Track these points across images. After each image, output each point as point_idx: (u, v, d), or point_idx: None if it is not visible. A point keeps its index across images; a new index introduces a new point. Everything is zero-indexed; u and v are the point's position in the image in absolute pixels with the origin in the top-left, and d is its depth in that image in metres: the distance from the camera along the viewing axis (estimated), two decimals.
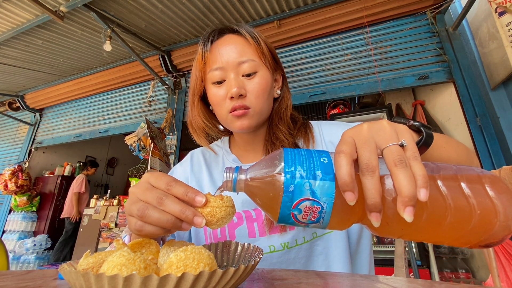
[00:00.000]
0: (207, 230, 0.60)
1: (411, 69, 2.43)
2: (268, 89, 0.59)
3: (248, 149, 0.67)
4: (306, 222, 0.29)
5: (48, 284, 0.31)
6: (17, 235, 3.92)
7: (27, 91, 4.38)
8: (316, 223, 0.29)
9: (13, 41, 2.99)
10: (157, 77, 3.35)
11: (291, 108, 0.66)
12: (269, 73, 0.60)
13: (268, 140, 0.63)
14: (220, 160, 0.69)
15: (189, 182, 0.67)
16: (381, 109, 2.63)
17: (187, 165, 0.70)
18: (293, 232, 0.55)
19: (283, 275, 0.35)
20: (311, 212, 0.28)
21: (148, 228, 0.34)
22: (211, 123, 0.67)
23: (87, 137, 3.96)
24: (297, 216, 0.29)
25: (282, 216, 0.30)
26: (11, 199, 4.14)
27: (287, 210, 0.29)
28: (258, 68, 0.58)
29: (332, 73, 2.75)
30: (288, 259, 0.54)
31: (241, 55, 0.58)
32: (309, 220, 0.29)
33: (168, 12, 2.64)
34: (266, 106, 0.60)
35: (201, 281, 0.24)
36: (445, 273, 2.00)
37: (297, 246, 0.55)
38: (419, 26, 2.50)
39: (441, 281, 0.35)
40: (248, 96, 0.57)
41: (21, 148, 4.54)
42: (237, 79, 0.57)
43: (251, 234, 0.56)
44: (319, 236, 0.56)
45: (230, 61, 0.57)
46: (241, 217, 0.58)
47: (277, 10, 2.70)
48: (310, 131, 0.65)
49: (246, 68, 0.57)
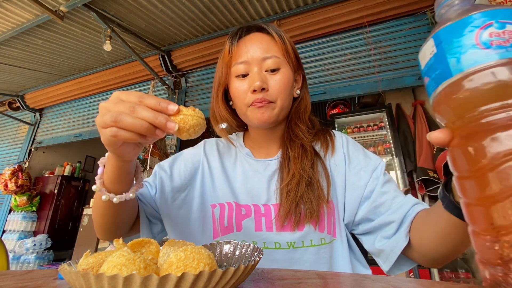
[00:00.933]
0: (215, 218, 0.60)
1: (411, 69, 2.43)
2: (289, 87, 0.61)
3: (263, 145, 0.68)
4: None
5: (48, 284, 0.31)
6: (17, 235, 3.91)
7: (27, 91, 4.38)
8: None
9: (13, 41, 2.99)
10: (157, 77, 3.35)
11: (309, 108, 0.67)
12: (291, 71, 0.62)
13: (287, 137, 0.63)
14: (233, 152, 0.69)
15: (201, 165, 0.67)
16: (381, 109, 2.63)
17: (201, 150, 0.70)
18: (301, 233, 0.55)
19: (283, 275, 0.35)
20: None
21: (123, 134, 0.35)
22: (230, 116, 0.68)
23: (87, 137, 3.95)
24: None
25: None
26: (11, 199, 4.14)
27: None
28: (282, 65, 0.60)
29: (332, 73, 2.75)
30: (292, 259, 0.54)
31: (266, 51, 0.59)
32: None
33: (168, 12, 2.64)
34: (286, 103, 0.61)
35: (201, 281, 0.24)
36: (445, 273, 2.00)
37: (303, 248, 0.54)
38: (419, 26, 2.50)
39: (441, 281, 0.35)
40: (270, 91, 0.58)
41: (21, 148, 4.53)
42: (260, 74, 0.58)
43: (258, 227, 0.57)
44: (327, 243, 0.55)
45: (255, 56, 0.59)
46: (250, 209, 0.58)
47: (277, 10, 2.70)
48: (330, 139, 0.66)
49: (270, 64, 0.59)
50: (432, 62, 0.27)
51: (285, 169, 0.59)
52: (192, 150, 0.71)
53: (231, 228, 0.57)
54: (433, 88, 0.27)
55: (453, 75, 0.25)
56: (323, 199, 0.55)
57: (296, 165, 0.57)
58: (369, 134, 2.67)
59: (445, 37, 0.26)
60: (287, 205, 0.54)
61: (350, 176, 0.60)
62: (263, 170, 0.63)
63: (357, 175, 0.59)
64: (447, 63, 0.26)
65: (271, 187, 0.61)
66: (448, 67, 0.25)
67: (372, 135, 2.68)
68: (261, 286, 0.30)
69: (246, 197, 0.61)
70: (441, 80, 0.26)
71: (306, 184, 0.55)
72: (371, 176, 0.58)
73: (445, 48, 0.26)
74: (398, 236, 0.50)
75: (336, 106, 3.06)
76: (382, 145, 2.60)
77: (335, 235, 0.57)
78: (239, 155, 0.68)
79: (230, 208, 0.59)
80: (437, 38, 0.27)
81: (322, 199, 0.55)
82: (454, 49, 0.25)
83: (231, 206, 0.59)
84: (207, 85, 3.34)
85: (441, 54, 0.26)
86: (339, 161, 0.62)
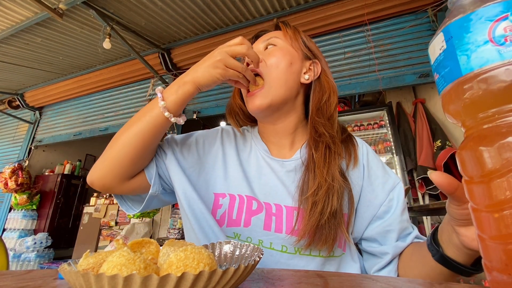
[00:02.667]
0: (225, 212, 0.57)
1: (411, 67, 2.43)
2: (286, 61, 0.58)
3: (273, 142, 0.65)
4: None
5: (48, 284, 0.31)
6: (17, 233, 3.93)
7: (27, 89, 4.38)
8: None
9: (13, 39, 2.98)
10: (156, 75, 3.35)
11: (335, 101, 0.60)
12: (292, 49, 0.61)
13: (310, 136, 0.59)
14: (249, 145, 0.66)
15: (215, 151, 0.65)
16: (381, 107, 2.63)
17: (218, 135, 0.68)
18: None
19: (283, 275, 0.35)
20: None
21: (230, 72, 0.51)
22: (244, 106, 0.67)
23: (87, 136, 3.95)
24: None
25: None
26: (11, 197, 4.14)
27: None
28: (279, 43, 0.61)
29: (332, 71, 2.73)
30: (297, 266, 0.52)
31: (268, 36, 0.63)
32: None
33: (168, 9, 2.63)
34: (282, 79, 0.57)
35: (201, 281, 0.24)
36: None
37: (310, 256, 0.53)
38: (420, 24, 2.49)
39: (441, 281, 0.35)
40: (262, 64, 0.58)
41: (21, 147, 4.54)
42: (259, 52, 0.60)
43: (267, 227, 0.54)
44: (336, 256, 0.54)
45: (260, 42, 0.64)
46: (261, 206, 0.56)
47: (277, 7, 2.69)
48: (354, 148, 0.61)
49: (268, 42, 0.62)
50: (442, 59, 0.26)
51: (311, 175, 0.54)
52: (208, 133, 0.69)
53: (239, 222, 0.55)
54: (443, 86, 0.26)
55: (463, 74, 0.24)
56: (343, 228, 0.52)
57: (322, 171, 0.53)
58: (369, 133, 2.66)
59: (456, 32, 0.24)
60: (313, 218, 0.50)
61: (367, 192, 0.58)
62: (278, 169, 0.60)
63: (374, 192, 0.57)
64: (457, 60, 0.24)
65: (286, 188, 0.58)
66: (458, 65, 0.24)
67: (373, 134, 2.67)
68: (261, 286, 0.30)
69: (259, 193, 0.58)
70: (451, 78, 0.25)
71: (337, 197, 0.51)
72: (388, 196, 0.56)
73: (455, 44, 0.24)
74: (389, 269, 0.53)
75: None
76: (382, 144, 2.60)
77: (345, 250, 0.55)
78: (254, 148, 0.65)
79: (241, 201, 0.57)
80: (447, 32, 0.25)
81: (342, 228, 0.52)
82: (465, 46, 0.23)
83: (242, 199, 0.57)
84: None
85: (451, 50, 0.25)
86: (359, 173, 0.59)
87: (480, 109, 0.23)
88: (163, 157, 0.62)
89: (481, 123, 0.24)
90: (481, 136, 0.23)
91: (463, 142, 0.26)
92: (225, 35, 3.01)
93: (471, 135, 0.25)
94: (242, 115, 0.69)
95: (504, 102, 0.22)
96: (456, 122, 0.27)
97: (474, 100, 0.23)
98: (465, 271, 0.39)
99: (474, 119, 0.24)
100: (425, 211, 1.73)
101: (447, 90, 0.26)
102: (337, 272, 0.39)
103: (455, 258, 0.39)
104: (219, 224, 0.56)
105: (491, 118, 0.23)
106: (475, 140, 0.24)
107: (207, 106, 3.27)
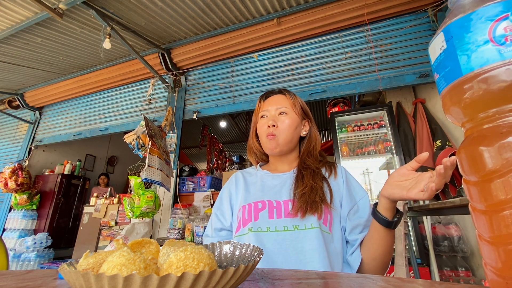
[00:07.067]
0: (239, 211, 0.82)
1: (411, 67, 2.43)
2: (293, 127, 0.86)
3: (278, 166, 0.94)
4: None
5: (48, 284, 0.31)
6: (17, 233, 3.92)
7: (27, 89, 4.38)
8: None
9: (12, 39, 2.99)
10: (157, 75, 3.35)
11: (319, 146, 0.92)
12: (296, 117, 0.88)
13: (300, 166, 0.87)
14: (254, 172, 0.96)
15: (229, 190, 0.92)
16: (381, 107, 2.62)
17: (232, 184, 0.95)
18: (304, 219, 0.73)
19: (283, 275, 0.35)
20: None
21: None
22: (260, 147, 0.95)
23: (87, 135, 3.95)
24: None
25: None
26: (11, 197, 4.14)
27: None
28: (289, 112, 0.88)
29: (332, 71, 2.75)
30: (297, 238, 0.72)
31: (279, 104, 0.89)
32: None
33: (168, 9, 2.63)
34: (289, 138, 0.86)
35: (201, 281, 0.24)
36: (445, 271, 2.01)
37: (305, 230, 0.72)
38: (420, 23, 2.49)
39: (441, 281, 0.35)
40: (278, 128, 0.86)
41: (21, 147, 4.54)
42: (274, 116, 0.88)
43: (271, 216, 0.76)
44: (324, 231, 0.73)
45: (272, 107, 0.89)
46: (265, 204, 0.79)
47: (277, 7, 2.69)
48: (334, 167, 0.89)
49: (280, 111, 0.88)
50: (442, 58, 0.26)
51: (300, 182, 0.80)
52: (227, 187, 0.95)
53: (250, 219, 0.77)
54: (443, 86, 0.26)
55: (464, 73, 0.23)
56: (325, 200, 0.76)
57: (309, 179, 0.79)
58: (369, 133, 2.66)
59: (456, 32, 0.24)
60: (300, 202, 0.75)
61: (346, 195, 0.82)
62: (277, 178, 0.88)
63: (350, 196, 0.82)
64: (457, 60, 0.24)
65: (284, 190, 0.82)
66: (459, 64, 0.24)
67: (373, 134, 2.67)
68: (261, 286, 0.30)
69: (262, 196, 0.83)
70: (451, 78, 0.25)
71: (315, 192, 0.76)
72: (358, 202, 0.82)
73: (456, 44, 0.24)
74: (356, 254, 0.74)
75: (336, 104, 3.06)
76: (382, 144, 2.60)
77: (331, 231, 0.75)
78: (259, 173, 0.94)
79: (249, 207, 0.81)
80: (448, 32, 0.25)
81: (324, 200, 0.76)
82: (465, 45, 0.23)
83: (250, 206, 0.81)
84: (207, 83, 3.34)
85: (452, 50, 0.25)
86: (340, 182, 0.84)
87: (480, 109, 0.23)
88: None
89: (482, 123, 0.23)
90: (482, 136, 0.23)
91: (463, 142, 0.26)
92: (225, 35, 3.01)
93: (471, 135, 0.25)
94: (259, 153, 0.97)
95: (505, 102, 0.22)
96: (456, 122, 0.27)
97: (474, 100, 0.23)
98: (390, 222, 0.63)
99: (474, 119, 0.24)
100: (425, 211, 1.73)
101: (447, 90, 0.26)
102: (337, 272, 0.39)
103: (384, 214, 0.64)
104: (238, 228, 0.81)
105: (492, 118, 0.23)
106: (476, 140, 0.24)
107: (207, 106, 3.27)
